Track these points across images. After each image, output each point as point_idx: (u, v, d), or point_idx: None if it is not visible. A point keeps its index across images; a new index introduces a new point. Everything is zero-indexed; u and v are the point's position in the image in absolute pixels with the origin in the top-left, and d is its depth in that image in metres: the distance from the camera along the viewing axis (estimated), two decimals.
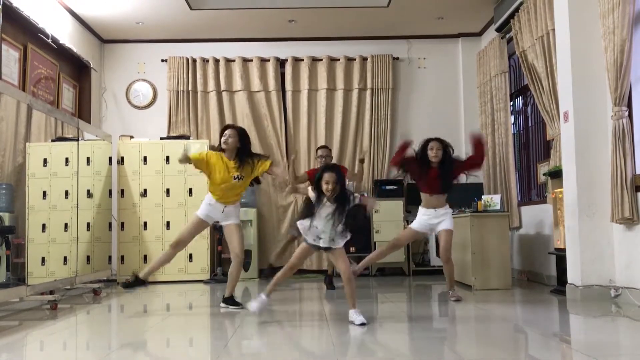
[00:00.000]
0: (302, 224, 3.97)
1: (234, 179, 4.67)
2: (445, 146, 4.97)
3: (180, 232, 4.90)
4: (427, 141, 5.00)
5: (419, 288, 6.26)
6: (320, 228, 3.91)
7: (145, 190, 7.20)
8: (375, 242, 7.32)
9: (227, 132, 4.72)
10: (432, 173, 4.94)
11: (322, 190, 3.85)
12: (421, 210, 5.07)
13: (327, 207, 3.88)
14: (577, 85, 4.91)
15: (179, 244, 4.79)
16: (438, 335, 3.70)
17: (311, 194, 3.96)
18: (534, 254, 6.42)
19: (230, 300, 4.76)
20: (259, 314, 4.15)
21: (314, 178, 3.95)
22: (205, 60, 7.98)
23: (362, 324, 3.77)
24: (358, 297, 5.28)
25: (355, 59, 8.01)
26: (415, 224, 5.08)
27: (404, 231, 5.17)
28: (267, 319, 4.25)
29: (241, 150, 4.71)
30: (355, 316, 3.85)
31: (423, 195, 5.05)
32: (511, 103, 7.20)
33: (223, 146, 4.69)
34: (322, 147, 6.31)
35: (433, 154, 4.92)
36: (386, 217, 7.34)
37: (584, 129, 4.89)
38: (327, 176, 3.82)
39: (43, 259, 5.30)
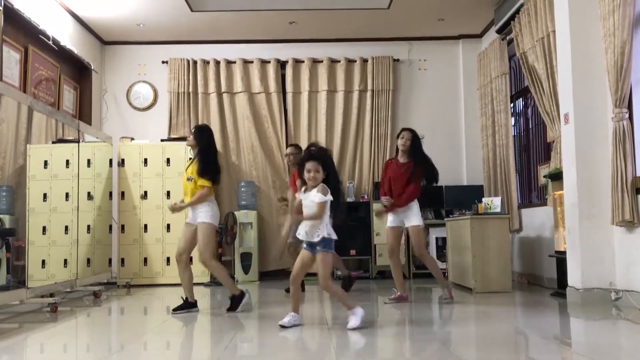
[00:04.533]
0: (298, 233, 3.95)
1: (188, 180, 4.76)
2: (414, 138, 5.07)
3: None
4: (400, 130, 5.19)
5: (419, 291, 6.25)
6: (305, 223, 3.88)
7: (145, 193, 7.20)
8: (375, 245, 7.32)
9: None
10: (393, 169, 5.10)
11: (305, 179, 3.81)
12: (384, 200, 5.13)
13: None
14: (577, 87, 4.91)
15: (179, 255, 4.83)
16: (438, 337, 3.70)
17: (298, 197, 3.89)
18: (534, 256, 6.41)
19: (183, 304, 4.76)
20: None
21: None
22: (205, 62, 7.99)
23: (281, 326, 3.83)
24: (358, 299, 5.29)
25: (355, 61, 8.01)
26: (389, 221, 5.15)
27: (387, 236, 5.21)
28: (268, 322, 4.25)
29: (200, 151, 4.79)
30: (286, 317, 3.91)
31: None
32: (512, 105, 7.20)
33: (189, 144, 4.92)
34: (291, 145, 6.34)
35: (402, 142, 5.07)
36: (386, 220, 7.32)
37: (584, 130, 4.89)
38: (308, 165, 3.77)
39: (43, 262, 5.30)
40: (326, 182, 3.82)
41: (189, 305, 4.76)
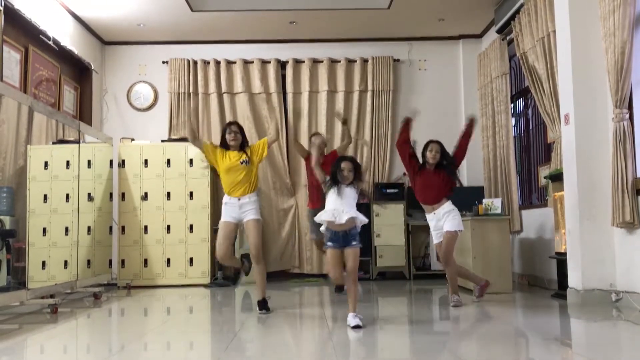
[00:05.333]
0: (319, 217, 4.04)
1: (241, 163, 4.70)
2: (443, 150, 4.98)
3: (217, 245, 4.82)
4: (428, 143, 5.03)
5: (420, 292, 6.25)
6: (332, 206, 3.97)
7: (146, 194, 7.19)
8: (375, 246, 7.31)
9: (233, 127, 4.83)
10: (426, 177, 4.96)
11: (339, 179, 4.03)
12: (427, 217, 5.10)
13: (344, 194, 4.01)
14: (577, 88, 4.90)
15: (221, 257, 4.75)
16: (439, 339, 3.70)
17: (320, 176, 4.16)
18: (534, 257, 6.40)
19: (261, 304, 4.71)
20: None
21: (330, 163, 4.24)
22: (206, 62, 7.99)
23: (356, 327, 3.80)
24: (359, 300, 5.29)
25: (356, 61, 8.00)
26: (433, 237, 5.08)
27: (439, 249, 5.06)
28: (268, 322, 4.25)
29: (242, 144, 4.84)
30: (351, 319, 3.88)
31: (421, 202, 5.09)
32: (512, 105, 7.20)
33: (231, 143, 4.76)
34: (316, 134, 6.35)
35: (431, 155, 4.93)
36: (387, 221, 7.33)
37: (584, 131, 4.88)
38: (342, 164, 4.06)
39: (44, 263, 5.30)
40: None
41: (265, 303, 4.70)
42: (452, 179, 5.00)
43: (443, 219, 4.93)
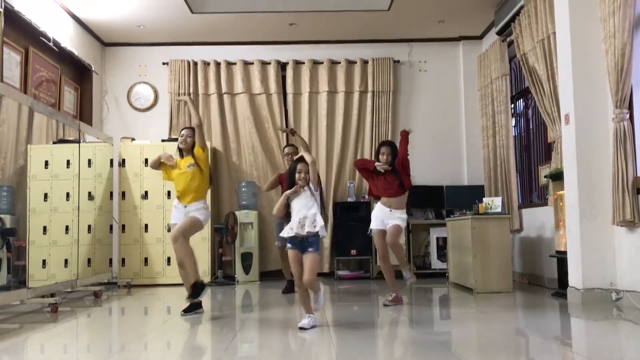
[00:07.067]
0: (285, 231, 4.01)
1: (187, 167, 4.81)
2: (394, 151, 5.11)
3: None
4: (380, 145, 5.21)
5: (420, 291, 6.25)
6: (299, 215, 3.98)
7: (146, 193, 7.20)
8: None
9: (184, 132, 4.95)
10: (385, 177, 5.09)
11: (295, 180, 4.06)
12: (377, 206, 5.15)
13: (301, 196, 4.03)
14: (578, 88, 4.91)
15: (180, 261, 4.77)
16: (439, 338, 3.70)
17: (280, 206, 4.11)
18: (535, 256, 6.41)
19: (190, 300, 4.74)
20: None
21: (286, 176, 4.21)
22: (206, 63, 8.00)
23: (302, 328, 3.84)
24: (359, 300, 5.30)
25: (356, 62, 8.01)
26: (374, 224, 5.12)
27: (375, 239, 5.17)
28: (268, 322, 4.25)
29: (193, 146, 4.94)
30: (304, 320, 3.91)
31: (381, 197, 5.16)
32: (512, 106, 7.21)
33: (181, 146, 4.91)
34: (288, 145, 6.43)
35: (384, 159, 5.08)
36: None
37: (585, 131, 4.89)
38: (299, 166, 4.10)
39: (44, 262, 5.31)
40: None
41: (198, 305, 4.74)
42: (399, 179, 5.09)
43: (391, 219, 5.04)
